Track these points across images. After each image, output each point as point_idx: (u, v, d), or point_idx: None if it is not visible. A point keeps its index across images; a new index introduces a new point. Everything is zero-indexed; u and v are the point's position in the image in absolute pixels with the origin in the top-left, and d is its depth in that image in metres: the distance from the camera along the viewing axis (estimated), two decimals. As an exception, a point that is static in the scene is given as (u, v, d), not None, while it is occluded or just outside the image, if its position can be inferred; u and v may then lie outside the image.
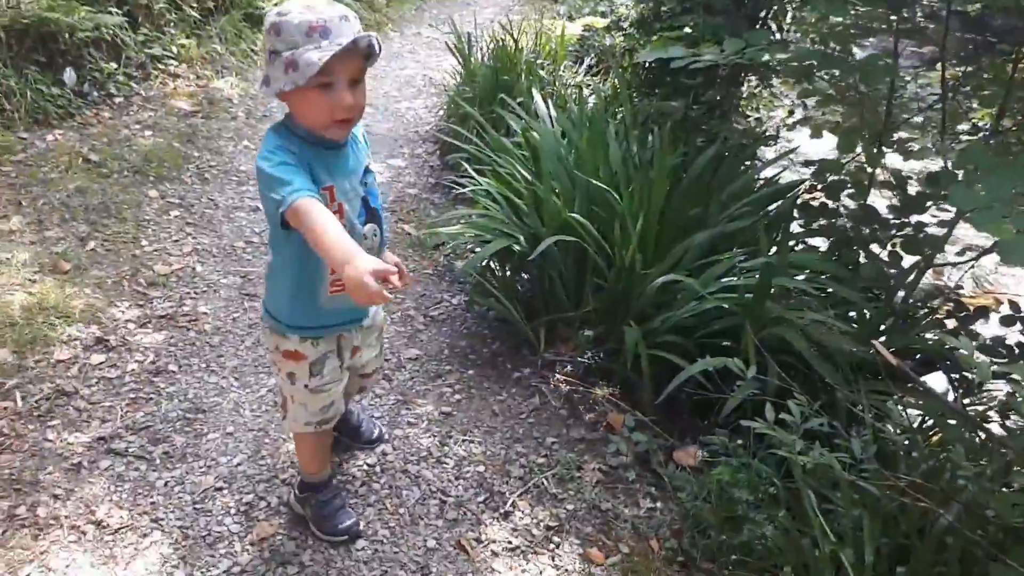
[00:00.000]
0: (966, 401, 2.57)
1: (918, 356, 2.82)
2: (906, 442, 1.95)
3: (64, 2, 4.40)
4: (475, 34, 5.22)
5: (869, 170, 3.35)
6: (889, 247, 3.08)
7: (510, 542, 2.14)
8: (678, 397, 2.60)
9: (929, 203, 2.96)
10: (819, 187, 3.33)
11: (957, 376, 2.72)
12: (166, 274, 3.19)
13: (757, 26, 4.32)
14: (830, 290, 2.84)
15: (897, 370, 1.95)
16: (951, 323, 2.89)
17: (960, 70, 3.62)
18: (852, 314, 2.96)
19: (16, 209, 3.32)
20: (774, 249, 3.09)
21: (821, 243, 3.28)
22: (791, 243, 3.25)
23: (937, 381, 2.74)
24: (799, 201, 3.30)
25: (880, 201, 3.54)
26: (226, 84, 5.33)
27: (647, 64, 4.39)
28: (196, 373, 2.67)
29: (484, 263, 3.07)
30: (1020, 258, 1.90)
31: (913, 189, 3.36)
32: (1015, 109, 3.35)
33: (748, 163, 3.71)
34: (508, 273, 3.13)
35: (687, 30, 4.01)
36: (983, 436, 1.90)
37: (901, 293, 2.95)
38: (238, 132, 4.73)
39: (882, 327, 2.86)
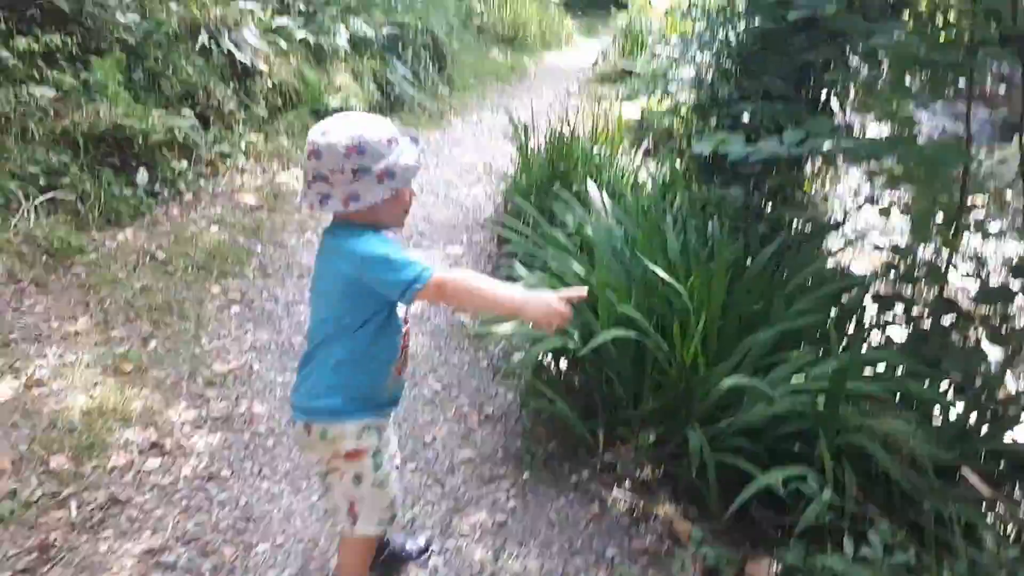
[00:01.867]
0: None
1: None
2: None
3: (140, 107, 4.64)
4: (533, 121, 5.28)
5: (945, 254, 3.19)
6: (973, 339, 2.90)
7: (568, 673, 1.99)
8: (749, 503, 2.43)
9: (1017, 293, 2.77)
10: (892, 277, 3.18)
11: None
12: (224, 373, 3.20)
13: (818, 108, 4.25)
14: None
15: (990, 498, 1.78)
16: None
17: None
18: (936, 411, 2.77)
19: (84, 310, 3.41)
20: (845, 342, 2.94)
21: (899, 332, 3.11)
22: (867, 333, 3.09)
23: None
24: (872, 291, 3.15)
25: (962, 280, 3.34)
26: (291, 177, 5.49)
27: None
28: (248, 479, 2.63)
29: (538, 360, 2.99)
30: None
31: (994, 274, 3.17)
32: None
33: (815, 250, 3.57)
34: (563, 369, 3.04)
35: (745, 117, 3.95)
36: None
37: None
38: (301, 224, 4.84)
39: (968, 427, 2.65)
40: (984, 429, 2.60)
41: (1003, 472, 2.55)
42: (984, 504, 2.23)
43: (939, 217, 3.34)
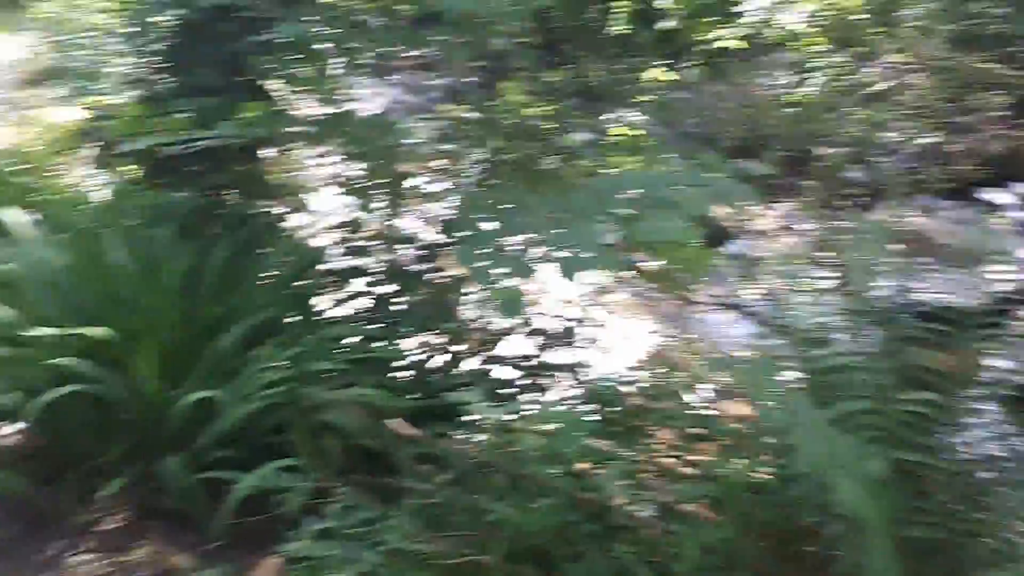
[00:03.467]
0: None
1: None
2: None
3: None
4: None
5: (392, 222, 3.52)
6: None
7: None
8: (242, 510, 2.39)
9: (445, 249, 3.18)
10: (347, 250, 3.40)
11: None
12: None
13: (256, 95, 4.27)
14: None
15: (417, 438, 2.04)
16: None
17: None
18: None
19: None
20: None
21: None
22: (335, 306, 3.24)
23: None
24: (328, 268, 3.33)
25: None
26: None
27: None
28: None
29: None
30: (515, 310, 2.03)
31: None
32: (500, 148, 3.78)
33: (279, 238, 3.62)
34: (11, 435, 2.63)
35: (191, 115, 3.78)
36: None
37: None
38: None
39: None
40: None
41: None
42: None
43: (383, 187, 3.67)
